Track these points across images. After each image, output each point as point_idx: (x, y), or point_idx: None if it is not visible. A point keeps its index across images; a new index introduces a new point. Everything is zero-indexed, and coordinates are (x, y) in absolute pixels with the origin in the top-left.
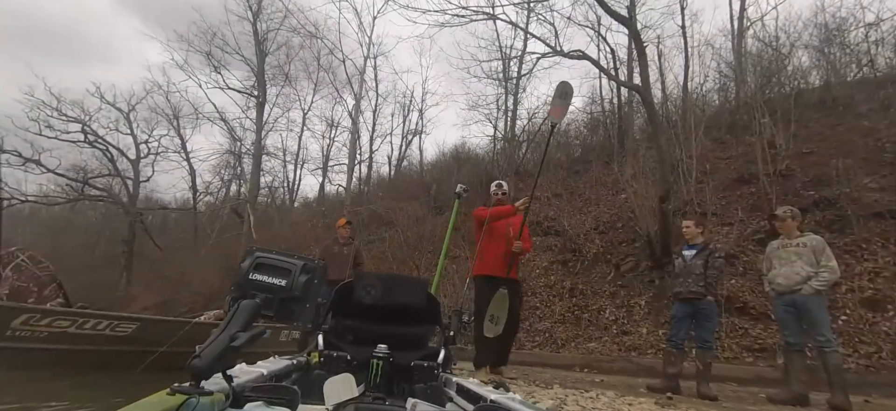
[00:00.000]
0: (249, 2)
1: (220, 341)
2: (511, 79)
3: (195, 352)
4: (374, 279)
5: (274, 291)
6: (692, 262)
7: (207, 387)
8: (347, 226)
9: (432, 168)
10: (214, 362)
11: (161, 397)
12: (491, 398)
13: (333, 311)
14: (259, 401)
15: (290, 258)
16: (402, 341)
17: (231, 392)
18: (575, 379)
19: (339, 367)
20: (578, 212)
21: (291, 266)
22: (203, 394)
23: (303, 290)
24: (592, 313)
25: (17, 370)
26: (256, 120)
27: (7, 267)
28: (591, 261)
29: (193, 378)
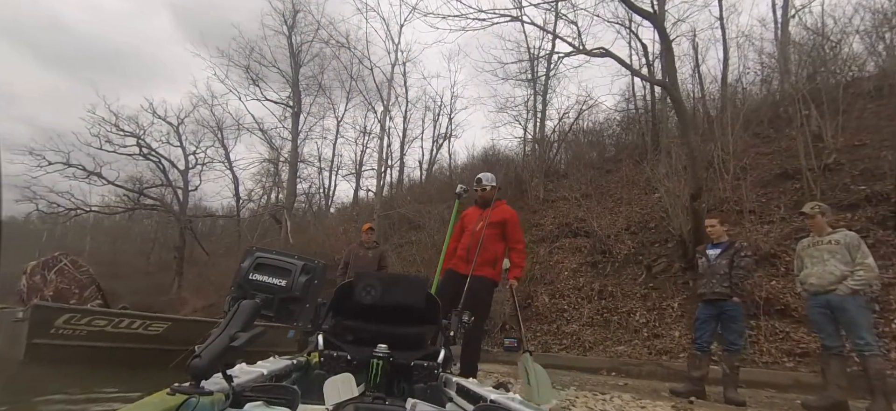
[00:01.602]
0: (285, 16)
1: (220, 341)
2: (538, 78)
3: (195, 352)
4: (373, 279)
5: (274, 291)
6: (716, 262)
7: (207, 387)
8: (371, 231)
9: (462, 171)
10: (214, 362)
11: (161, 397)
12: (491, 398)
13: (333, 311)
14: (259, 401)
15: (291, 258)
16: (402, 341)
17: (231, 392)
18: (598, 382)
19: (339, 367)
20: (609, 213)
21: (291, 266)
22: (203, 394)
23: (303, 290)
24: (622, 316)
25: (59, 365)
26: (292, 129)
27: (51, 270)
28: (622, 263)
29: (193, 378)
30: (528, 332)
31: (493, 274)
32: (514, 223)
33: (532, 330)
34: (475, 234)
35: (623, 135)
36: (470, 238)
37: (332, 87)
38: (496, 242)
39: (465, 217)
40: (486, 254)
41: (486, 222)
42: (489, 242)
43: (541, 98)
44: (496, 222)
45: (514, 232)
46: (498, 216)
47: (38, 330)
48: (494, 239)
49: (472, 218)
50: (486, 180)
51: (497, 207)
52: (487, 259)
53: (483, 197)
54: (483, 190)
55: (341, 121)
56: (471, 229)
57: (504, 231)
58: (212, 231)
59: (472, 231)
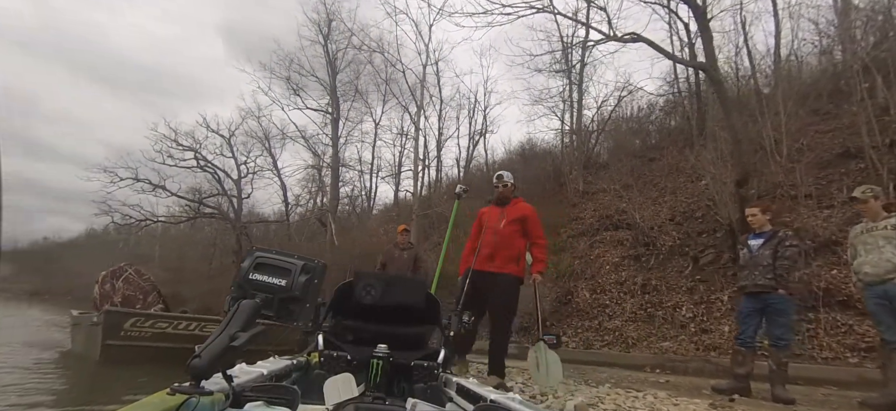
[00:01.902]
0: (320, 26)
1: (219, 341)
2: (573, 68)
3: (195, 352)
4: (373, 279)
5: (274, 291)
6: (759, 253)
7: (207, 387)
8: (406, 233)
9: (500, 166)
10: (214, 362)
11: (161, 397)
12: (491, 398)
13: (333, 311)
14: (259, 401)
15: (291, 258)
16: (402, 341)
17: (231, 392)
18: (637, 379)
19: (339, 367)
20: (653, 203)
21: (291, 266)
22: (203, 394)
23: (303, 290)
24: (667, 310)
25: (128, 364)
26: (332, 135)
27: (119, 279)
28: (667, 255)
29: (193, 378)
30: (569, 329)
31: (517, 270)
32: (535, 219)
33: (573, 326)
34: (499, 232)
35: (666, 120)
36: (493, 236)
37: (368, 91)
38: (518, 239)
39: (483, 215)
40: (510, 251)
41: (508, 219)
42: (511, 239)
43: (576, 88)
44: (517, 219)
45: (535, 227)
46: (518, 212)
47: (109, 332)
48: (516, 235)
49: (492, 216)
50: (506, 177)
51: (515, 204)
52: (512, 256)
53: (502, 194)
54: (503, 186)
55: (379, 124)
56: (493, 227)
57: (525, 227)
58: (265, 235)
59: (495, 229)
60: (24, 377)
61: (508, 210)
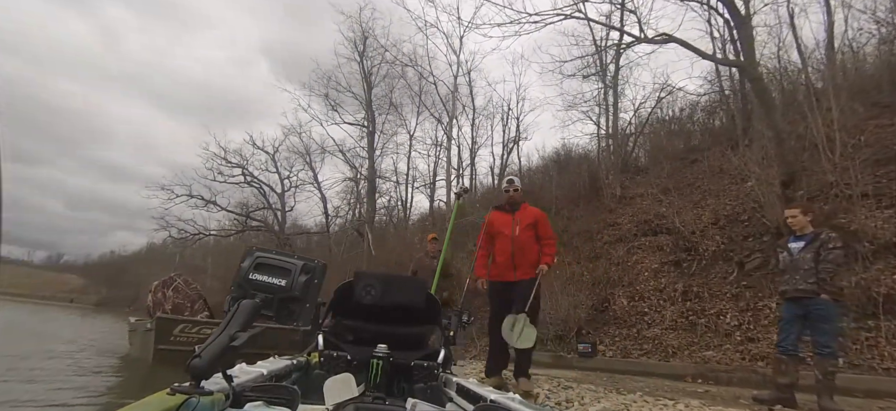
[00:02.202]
0: (356, 43)
1: (219, 341)
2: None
3: (195, 352)
4: (373, 279)
5: (274, 291)
6: (800, 256)
7: (207, 387)
8: (435, 241)
9: (534, 173)
10: (214, 362)
11: (161, 397)
12: (491, 398)
13: (333, 311)
14: (259, 401)
15: (290, 258)
16: (401, 341)
17: (231, 392)
18: (674, 388)
19: (339, 367)
20: (694, 207)
21: (291, 266)
22: (203, 394)
23: (303, 290)
24: (710, 318)
25: (177, 366)
26: (368, 148)
27: (169, 288)
28: (709, 261)
29: (193, 378)
30: (606, 337)
31: (535, 274)
32: (546, 221)
33: (610, 334)
34: (516, 240)
35: (709, 120)
36: (510, 244)
37: (402, 104)
38: (534, 243)
39: (492, 223)
40: (530, 257)
41: (522, 225)
42: (529, 245)
43: (611, 91)
44: (530, 224)
45: (546, 229)
46: (530, 217)
47: (161, 337)
48: (532, 240)
49: (503, 222)
50: (517, 181)
51: (525, 209)
52: (531, 261)
53: (513, 198)
54: (515, 190)
55: (413, 135)
56: (508, 234)
57: (537, 231)
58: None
59: (511, 236)
60: (91, 380)
61: (520, 215)
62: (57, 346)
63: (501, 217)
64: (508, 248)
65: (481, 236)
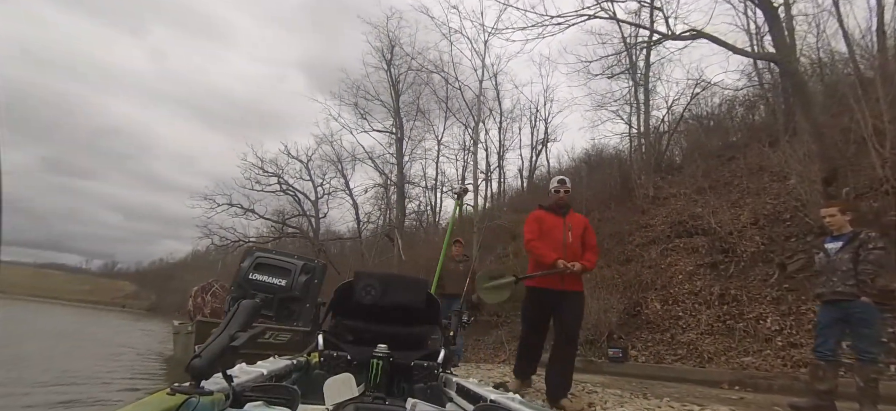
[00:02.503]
0: (383, 52)
1: (219, 341)
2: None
3: (195, 352)
4: (373, 279)
5: (274, 291)
6: (837, 257)
7: (207, 387)
8: (459, 245)
9: (564, 174)
10: (214, 362)
11: (161, 397)
12: (491, 398)
13: (333, 311)
14: (259, 401)
15: (291, 258)
16: (402, 341)
17: (231, 392)
18: (707, 395)
19: (339, 367)
20: (732, 206)
21: (291, 266)
22: (203, 394)
23: (303, 290)
24: (749, 322)
25: None
26: (396, 154)
27: (208, 293)
28: (748, 262)
29: (193, 378)
30: (638, 342)
31: (582, 286)
32: (592, 230)
33: (642, 339)
34: (569, 248)
35: (748, 116)
36: (562, 251)
37: (430, 110)
38: (582, 251)
39: (543, 221)
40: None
41: (574, 233)
42: (579, 255)
43: (642, 88)
44: (581, 233)
45: (593, 238)
46: (581, 224)
47: (201, 339)
48: (582, 249)
49: (555, 226)
50: (569, 183)
51: (573, 215)
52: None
53: (562, 200)
54: (566, 192)
55: (441, 140)
56: (561, 240)
57: (585, 239)
58: (341, 252)
59: (564, 243)
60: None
61: (571, 221)
62: (113, 350)
63: (551, 218)
64: (559, 252)
65: (534, 229)
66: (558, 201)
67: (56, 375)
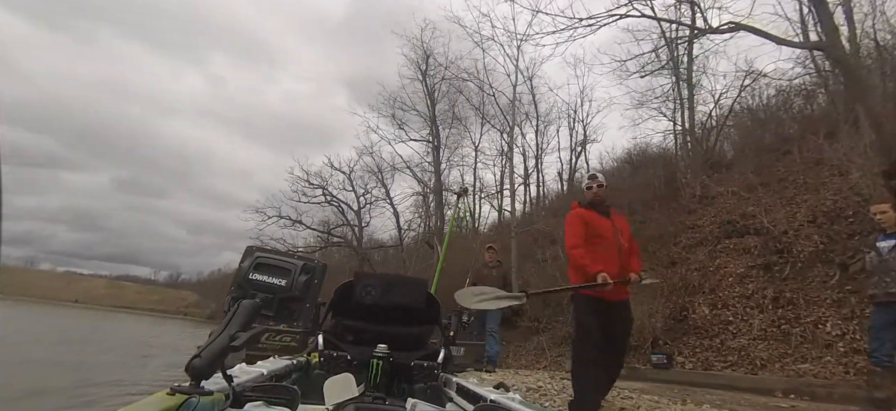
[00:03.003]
0: (418, 63)
1: (219, 341)
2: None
3: (195, 352)
4: (373, 279)
5: (274, 291)
6: (890, 256)
7: (207, 387)
8: (492, 251)
9: (606, 175)
10: (214, 362)
11: (161, 397)
12: (491, 398)
13: (334, 311)
14: (259, 401)
15: (291, 258)
16: (402, 341)
17: (231, 392)
18: (756, 403)
19: (339, 367)
20: (787, 204)
21: (291, 266)
22: (203, 394)
23: (303, 290)
24: (806, 327)
25: None
26: (433, 162)
27: None
28: (806, 263)
29: (193, 378)
30: (685, 348)
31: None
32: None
33: (689, 345)
34: (624, 252)
35: (805, 107)
36: (617, 255)
37: (466, 118)
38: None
39: (590, 224)
40: (631, 272)
41: (624, 234)
42: (632, 259)
43: (685, 84)
44: (630, 234)
45: (633, 238)
46: (625, 223)
47: (250, 344)
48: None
49: (602, 227)
50: (601, 177)
51: (615, 213)
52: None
53: (598, 197)
54: (599, 187)
55: (478, 147)
56: (613, 242)
57: (629, 240)
58: (384, 260)
59: (618, 245)
60: None
61: (617, 221)
62: (174, 357)
63: (598, 219)
64: (614, 259)
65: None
66: (593, 198)
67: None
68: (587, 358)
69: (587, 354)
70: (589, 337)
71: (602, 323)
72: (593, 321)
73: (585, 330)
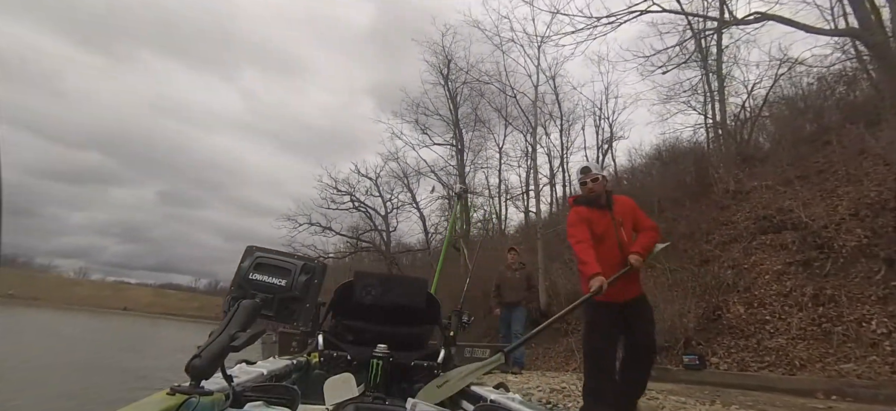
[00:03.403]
0: (440, 68)
1: (219, 341)
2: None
3: (195, 352)
4: (373, 279)
5: (274, 291)
6: None
7: (207, 387)
8: (514, 253)
9: (635, 172)
10: (214, 362)
11: (161, 397)
12: (491, 398)
13: (333, 311)
14: (259, 401)
15: (291, 258)
16: (401, 341)
17: (231, 392)
18: (793, 405)
19: (339, 367)
20: (827, 196)
21: (291, 266)
22: (203, 394)
23: (303, 290)
24: (849, 325)
25: None
26: (457, 165)
27: None
28: (848, 258)
29: (193, 378)
30: (719, 349)
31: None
32: (637, 208)
33: (723, 346)
34: (625, 246)
35: (847, 94)
36: (619, 251)
37: (489, 120)
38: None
39: (592, 222)
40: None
41: (626, 226)
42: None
43: (715, 76)
44: (633, 224)
45: (643, 216)
46: (628, 210)
47: (283, 349)
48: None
49: (602, 223)
50: (595, 169)
51: (619, 201)
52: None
53: (593, 191)
54: (592, 181)
55: (502, 148)
56: (614, 239)
57: (636, 225)
58: (412, 263)
59: (619, 242)
60: None
61: (619, 212)
62: None
63: (597, 215)
64: (617, 258)
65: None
66: (589, 193)
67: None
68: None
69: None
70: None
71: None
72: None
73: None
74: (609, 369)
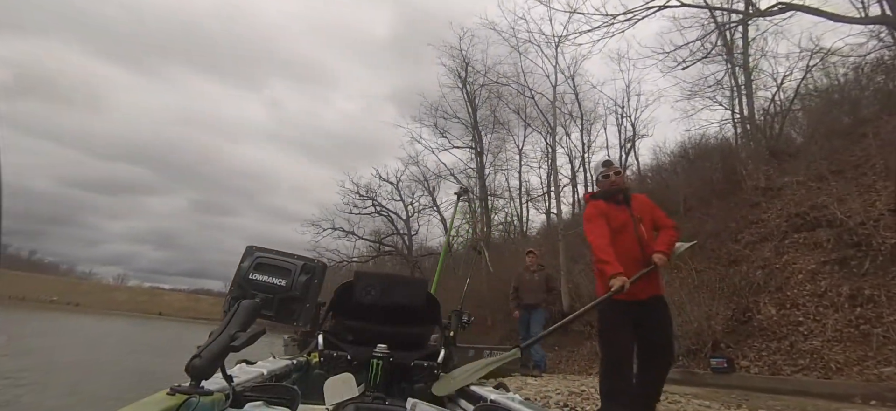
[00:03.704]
0: (458, 72)
1: (219, 341)
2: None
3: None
4: (373, 279)
5: (274, 291)
6: None
7: (207, 387)
8: (532, 255)
9: (659, 172)
10: (214, 362)
11: (161, 397)
12: (491, 398)
13: (333, 311)
14: (259, 401)
15: (291, 258)
16: (401, 341)
17: (231, 392)
18: (824, 409)
19: (339, 367)
20: (864, 192)
21: (291, 265)
22: (203, 394)
23: (303, 290)
24: (890, 326)
25: None
26: (477, 168)
27: None
28: (888, 257)
29: (193, 378)
30: (750, 351)
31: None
32: (656, 206)
33: (754, 348)
34: (646, 245)
35: (886, 84)
36: (639, 249)
37: (509, 121)
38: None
39: (610, 217)
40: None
41: (646, 223)
42: (652, 246)
43: (741, 69)
44: (652, 221)
45: (662, 214)
46: (647, 208)
47: (302, 349)
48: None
49: (619, 218)
50: (617, 162)
51: (636, 198)
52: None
53: (615, 184)
54: (616, 174)
55: (522, 150)
56: (634, 235)
57: (656, 223)
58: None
59: (639, 238)
60: None
61: (637, 209)
62: None
63: (615, 210)
64: (637, 254)
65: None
66: (611, 186)
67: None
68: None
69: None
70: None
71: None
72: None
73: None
74: (626, 370)
